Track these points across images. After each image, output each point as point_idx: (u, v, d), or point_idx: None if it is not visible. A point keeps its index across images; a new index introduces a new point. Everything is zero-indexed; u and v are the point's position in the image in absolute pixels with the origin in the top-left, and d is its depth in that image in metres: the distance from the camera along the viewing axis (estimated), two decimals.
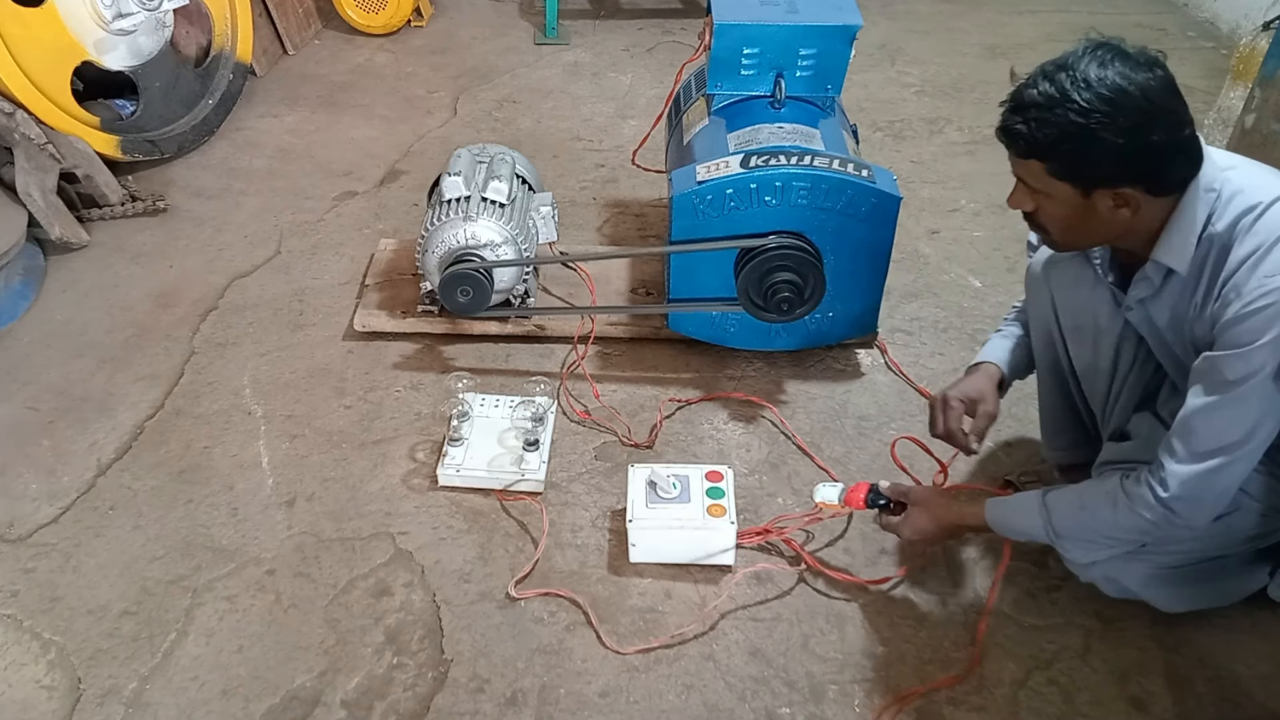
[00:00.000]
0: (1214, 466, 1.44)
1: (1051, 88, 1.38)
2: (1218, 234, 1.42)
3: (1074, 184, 1.43)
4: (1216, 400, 1.42)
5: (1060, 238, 1.55)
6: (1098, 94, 1.34)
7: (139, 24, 2.96)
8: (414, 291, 2.54)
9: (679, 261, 2.25)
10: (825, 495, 1.86)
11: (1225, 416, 1.42)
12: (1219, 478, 1.45)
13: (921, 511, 1.78)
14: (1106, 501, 1.54)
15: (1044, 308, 1.81)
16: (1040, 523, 1.62)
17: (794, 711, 1.69)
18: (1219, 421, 1.42)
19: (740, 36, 2.26)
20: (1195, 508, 1.47)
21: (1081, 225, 1.49)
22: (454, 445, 2.12)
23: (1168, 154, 1.39)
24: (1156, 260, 1.49)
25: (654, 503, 1.90)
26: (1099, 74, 1.35)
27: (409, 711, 1.70)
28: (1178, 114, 1.38)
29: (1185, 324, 1.51)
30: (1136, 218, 1.45)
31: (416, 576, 1.92)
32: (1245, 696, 1.71)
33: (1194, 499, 1.46)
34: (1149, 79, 1.35)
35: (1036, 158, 1.44)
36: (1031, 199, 1.51)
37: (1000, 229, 2.90)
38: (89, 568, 1.95)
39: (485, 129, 3.48)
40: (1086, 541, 1.61)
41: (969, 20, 4.25)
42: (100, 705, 1.71)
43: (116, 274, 2.76)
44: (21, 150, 2.69)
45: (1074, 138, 1.37)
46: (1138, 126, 1.35)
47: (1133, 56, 1.37)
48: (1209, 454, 1.43)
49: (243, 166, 3.26)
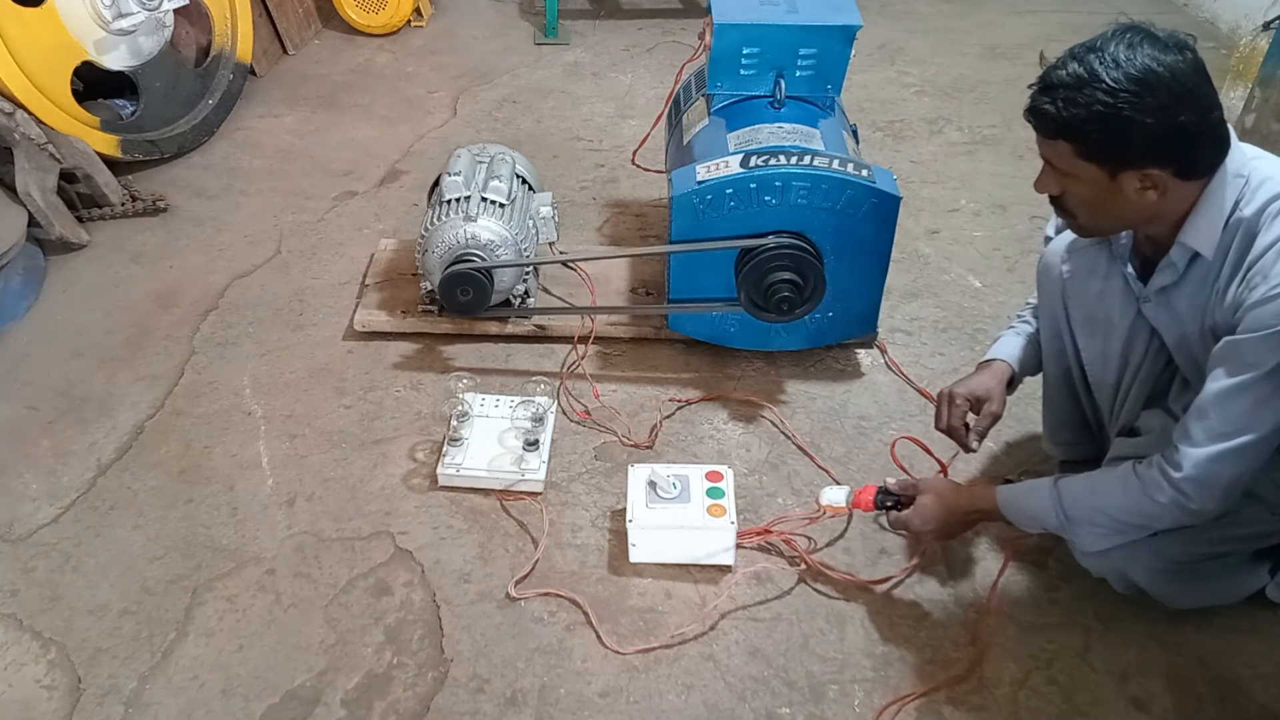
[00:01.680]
0: (1228, 450, 1.43)
1: (1080, 69, 1.38)
2: (1245, 219, 1.42)
3: (1101, 165, 1.43)
4: (1236, 384, 1.41)
5: (1087, 221, 1.55)
6: (1126, 74, 1.35)
7: (139, 24, 2.96)
8: (414, 291, 2.54)
9: (679, 261, 2.25)
10: (832, 498, 1.86)
11: (1243, 400, 1.41)
12: (1233, 463, 1.44)
13: (933, 499, 1.77)
14: (1118, 484, 1.54)
15: (1054, 301, 1.80)
16: (1051, 505, 1.61)
17: (794, 711, 1.69)
18: (1237, 405, 1.42)
19: (740, 36, 2.26)
20: (1207, 492, 1.46)
21: (1108, 208, 1.49)
22: (454, 445, 2.12)
23: (1196, 136, 1.39)
24: (1183, 243, 1.49)
25: (654, 503, 1.90)
26: (1128, 55, 1.35)
27: (409, 711, 1.70)
28: (1207, 97, 1.38)
29: (1206, 311, 1.51)
30: (1163, 201, 1.45)
31: (416, 576, 1.92)
32: (1245, 696, 1.71)
33: (1206, 482, 1.46)
34: (1178, 60, 1.35)
35: (1064, 138, 1.44)
36: (1059, 182, 1.51)
37: (1000, 229, 2.91)
38: (89, 567, 1.95)
39: (485, 129, 3.48)
40: (1096, 526, 1.60)
41: (969, 20, 4.25)
42: (100, 705, 1.71)
43: (116, 274, 2.76)
44: (21, 150, 2.69)
45: (1102, 117, 1.37)
46: (1166, 107, 1.35)
47: (1162, 39, 1.38)
48: (1224, 436, 1.43)
49: (243, 166, 3.26)
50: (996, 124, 3.45)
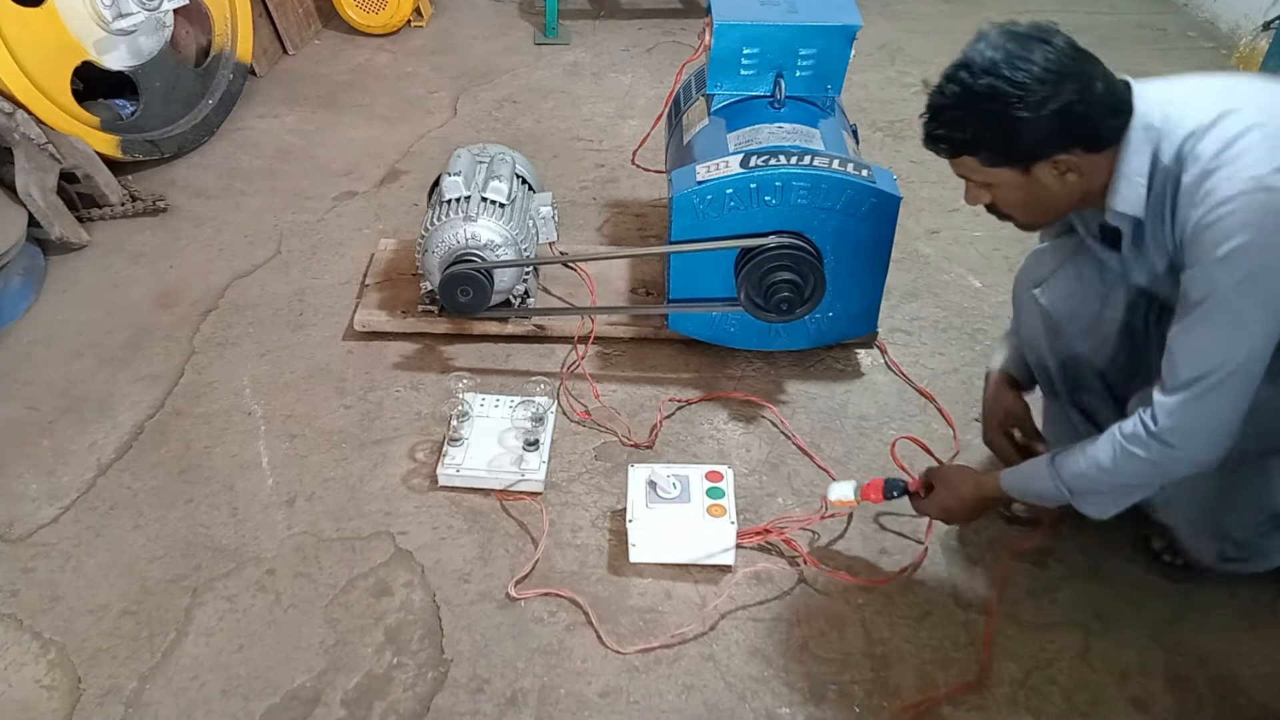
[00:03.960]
0: (1200, 392, 1.40)
1: (956, 86, 1.41)
2: (1167, 168, 1.41)
3: (1012, 166, 1.45)
4: (1193, 318, 1.39)
5: (1025, 219, 1.58)
6: (1000, 77, 1.37)
7: (139, 24, 2.96)
8: (414, 291, 2.54)
9: (679, 261, 2.25)
10: (840, 493, 1.86)
11: (1205, 333, 1.39)
12: (1213, 404, 1.40)
13: (944, 489, 1.78)
14: (1106, 450, 1.52)
15: (1035, 333, 1.83)
16: (1051, 485, 1.60)
17: (794, 712, 1.69)
18: (1196, 344, 1.40)
19: (740, 36, 2.26)
20: (1190, 438, 1.43)
21: (1037, 202, 1.51)
22: (454, 445, 2.12)
23: (1087, 112, 1.40)
24: (1115, 210, 1.49)
25: (654, 503, 1.90)
26: (993, 58, 1.38)
27: (409, 711, 1.70)
28: (1086, 74, 1.39)
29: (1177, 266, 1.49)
30: (1086, 179, 1.46)
31: (416, 576, 1.92)
32: (1245, 696, 1.71)
33: (1188, 429, 1.43)
34: (1046, 51, 1.38)
35: (966, 154, 1.47)
36: (983, 193, 1.53)
37: (1000, 229, 2.86)
38: (89, 568, 1.95)
39: (485, 129, 3.48)
40: (1100, 494, 1.58)
41: (969, 20, 4.20)
42: (100, 705, 1.71)
43: (116, 274, 2.76)
44: (21, 150, 2.69)
45: (992, 125, 1.41)
46: (1047, 97, 1.37)
47: (1023, 34, 1.40)
48: (1192, 381, 1.40)
49: (243, 166, 3.26)
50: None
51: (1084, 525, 1.99)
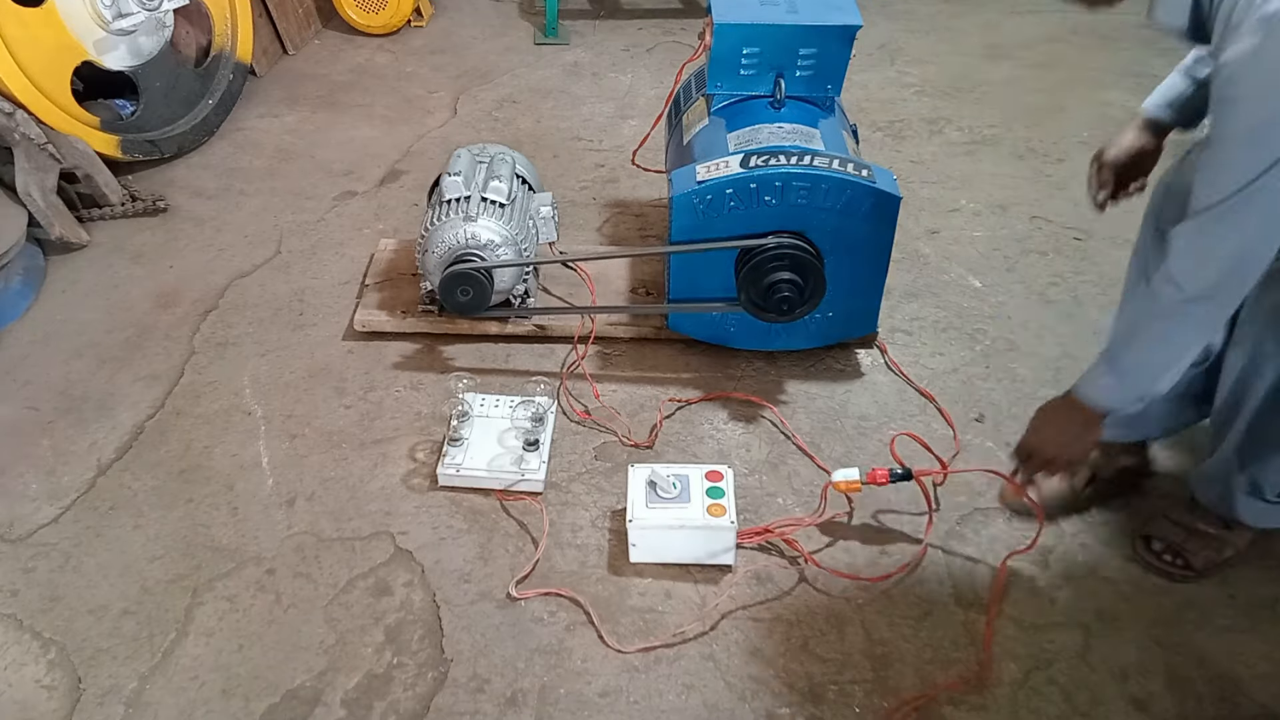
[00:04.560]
0: (1210, 220, 1.35)
1: None
2: None
3: None
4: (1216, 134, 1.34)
5: None
6: None
7: (139, 24, 2.96)
8: (414, 291, 2.54)
9: (679, 261, 2.25)
10: (844, 474, 1.91)
11: (1216, 163, 1.34)
12: (1223, 233, 1.35)
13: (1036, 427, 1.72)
14: (1141, 304, 1.50)
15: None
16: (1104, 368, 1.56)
17: (793, 712, 1.69)
18: (1213, 170, 1.35)
19: (740, 36, 2.26)
20: (1201, 271, 1.39)
21: None
22: (454, 445, 2.12)
23: None
24: None
25: (654, 503, 1.90)
26: None
27: (409, 711, 1.70)
28: None
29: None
30: None
31: (416, 576, 1.92)
32: (1245, 696, 1.71)
33: (1198, 258, 1.38)
34: None
35: None
36: None
37: (1000, 229, 2.91)
38: (89, 567, 1.95)
39: (485, 129, 3.48)
40: (1145, 365, 1.52)
41: (969, 20, 4.25)
42: (100, 705, 1.71)
43: (116, 274, 2.76)
44: (21, 150, 2.69)
45: None
46: None
47: None
48: (1205, 209, 1.36)
49: (243, 166, 3.26)
50: (996, 124, 3.45)
51: (1084, 525, 2.01)
